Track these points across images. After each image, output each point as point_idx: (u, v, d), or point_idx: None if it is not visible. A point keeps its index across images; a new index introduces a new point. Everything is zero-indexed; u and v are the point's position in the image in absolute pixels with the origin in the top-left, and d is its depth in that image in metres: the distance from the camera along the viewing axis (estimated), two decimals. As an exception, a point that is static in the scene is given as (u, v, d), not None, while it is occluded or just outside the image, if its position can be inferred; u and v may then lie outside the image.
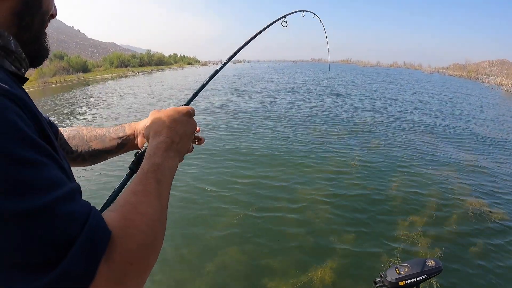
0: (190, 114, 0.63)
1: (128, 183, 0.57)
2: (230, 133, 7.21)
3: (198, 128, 0.68)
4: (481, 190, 4.52)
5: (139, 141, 0.74)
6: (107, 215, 0.40)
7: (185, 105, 0.72)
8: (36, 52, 0.50)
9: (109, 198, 0.57)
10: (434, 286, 2.58)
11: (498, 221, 3.67)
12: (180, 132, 0.59)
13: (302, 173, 4.92)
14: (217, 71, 0.86)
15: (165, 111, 0.62)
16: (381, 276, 1.02)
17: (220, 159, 5.45)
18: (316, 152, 5.99)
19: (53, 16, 0.52)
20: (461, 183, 4.74)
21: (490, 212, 3.86)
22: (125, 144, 0.76)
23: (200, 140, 0.75)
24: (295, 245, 3.12)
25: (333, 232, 3.37)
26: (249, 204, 3.87)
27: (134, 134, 0.75)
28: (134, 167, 0.62)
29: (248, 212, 3.70)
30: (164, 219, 0.48)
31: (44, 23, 0.50)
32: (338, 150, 6.12)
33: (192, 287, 2.60)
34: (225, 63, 0.89)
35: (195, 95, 0.78)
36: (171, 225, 3.41)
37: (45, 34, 0.51)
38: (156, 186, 0.48)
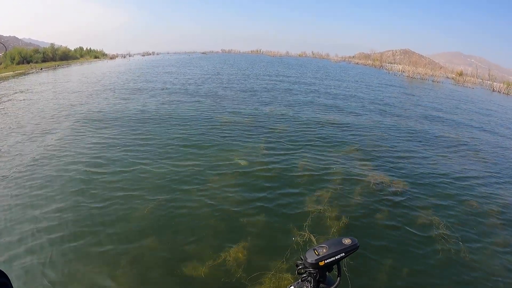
0: None
1: None
2: (135, 125, 6.95)
3: None
4: (382, 165, 5.10)
5: None
6: None
7: None
8: None
9: None
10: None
11: (399, 190, 4.23)
12: None
13: (210, 160, 4.97)
14: None
15: None
16: (301, 258, 1.04)
17: (124, 153, 5.24)
18: (224, 139, 6.11)
19: None
20: (362, 159, 5.31)
21: (391, 182, 4.41)
22: None
23: None
24: (208, 230, 3.22)
25: (243, 213, 3.54)
26: (158, 194, 3.84)
27: None
28: None
29: (159, 202, 3.68)
30: None
31: None
32: (245, 136, 6.32)
33: (111, 281, 2.52)
34: None
35: None
36: (80, 223, 3.24)
37: None
38: None
